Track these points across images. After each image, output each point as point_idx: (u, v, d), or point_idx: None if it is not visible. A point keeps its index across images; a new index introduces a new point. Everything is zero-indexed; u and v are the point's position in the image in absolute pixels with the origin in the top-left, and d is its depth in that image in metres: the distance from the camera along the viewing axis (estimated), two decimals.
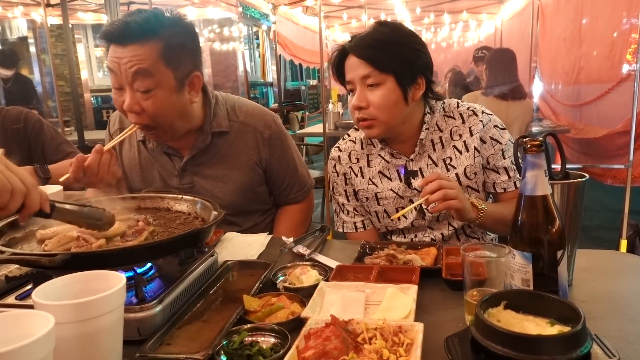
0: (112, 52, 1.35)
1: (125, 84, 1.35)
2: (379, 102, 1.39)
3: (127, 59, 1.32)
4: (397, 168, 1.53)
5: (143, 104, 1.36)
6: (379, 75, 1.38)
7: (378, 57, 1.37)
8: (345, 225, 1.63)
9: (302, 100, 10.91)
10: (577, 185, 1.02)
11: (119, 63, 1.33)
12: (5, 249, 0.92)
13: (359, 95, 1.41)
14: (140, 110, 1.37)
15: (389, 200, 1.54)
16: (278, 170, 1.67)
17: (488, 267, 0.90)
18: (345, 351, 0.78)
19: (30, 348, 0.57)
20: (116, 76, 1.36)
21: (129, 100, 1.35)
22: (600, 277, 1.13)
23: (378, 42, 1.39)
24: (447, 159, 1.50)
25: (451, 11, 7.98)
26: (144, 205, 1.30)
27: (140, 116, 1.38)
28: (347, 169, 1.59)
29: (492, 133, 1.48)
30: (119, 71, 1.34)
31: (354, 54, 1.40)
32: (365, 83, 1.40)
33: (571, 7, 4.80)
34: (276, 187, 1.71)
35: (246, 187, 1.61)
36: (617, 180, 3.80)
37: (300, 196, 1.76)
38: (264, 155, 1.62)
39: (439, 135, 1.51)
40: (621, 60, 3.75)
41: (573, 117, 4.89)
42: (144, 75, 1.33)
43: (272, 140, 1.63)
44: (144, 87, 1.34)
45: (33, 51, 8.74)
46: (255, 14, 10.82)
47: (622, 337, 0.85)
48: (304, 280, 1.10)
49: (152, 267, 1.07)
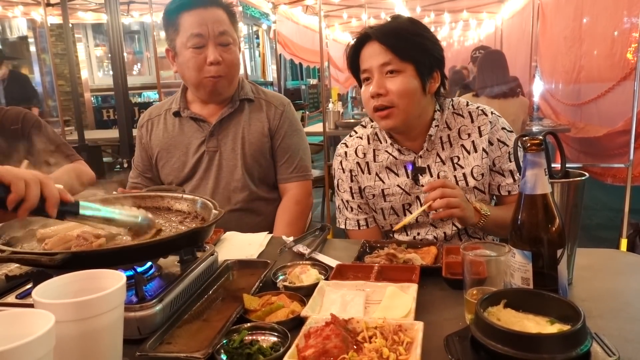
0: (196, 16, 1.65)
1: (210, 40, 1.65)
2: (399, 88, 1.38)
3: (214, 19, 1.66)
4: (404, 164, 1.53)
5: (223, 56, 1.68)
6: (399, 63, 1.38)
7: (400, 45, 1.38)
8: (348, 222, 1.63)
9: (302, 99, 10.92)
10: (577, 184, 1.02)
11: (207, 23, 1.64)
12: (5, 247, 0.92)
13: (378, 82, 1.40)
14: (220, 61, 1.67)
15: (395, 197, 1.54)
16: (282, 143, 1.82)
17: (488, 265, 0.90)
18: (345, 350, 0.78)
19: (31, 346, 0.57)
20: (201, 36, 1.64)
21: (214, 54, 1.65)
22: (600, 275, 1.13)
23: (400, 30, 1.40)
24: (454, 158, 1.50)
25: (451, 10, 7.97)
26: (144, 204, 1.30)
27: (219, 67, 1.67)
28: (354, 165, 1.58)
29: (500, 135, 1.48)
30: (207, 30, 1.64)
31: (377, 40, 1.40)
32: (384, 70, 1.40)
33: (571, 6, 4.80)
34: (278, 159, 1.84)
35: (258, 153, 1.80)
36: (617, 180, 3.80)
37: (296, 177, 1.83)
38: (274, 126, 1.82)
39: (447, 134, 1.51)
40: (622, 59, 3.75)
41: (573, 116, 4.88)
42: (226, 32, 1.68)
43: (284, 116, 1.83)
44: (225, 41, 1.68)
45: (33, 50, 8.75)
46: (255, 13, 10.82)
47: (622, 336, 0.85)
48: (304, 279, 1.10)
49: (152, 266, 1.07)
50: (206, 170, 1.79)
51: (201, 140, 1.79)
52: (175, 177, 1.81)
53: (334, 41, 10.65)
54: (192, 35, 1.64)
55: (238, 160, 1.76)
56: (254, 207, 1.80)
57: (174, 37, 1.70)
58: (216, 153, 1.78)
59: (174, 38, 1.70)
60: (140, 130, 1.89)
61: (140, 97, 9.21)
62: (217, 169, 1.78)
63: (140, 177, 1.88)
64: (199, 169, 1.79)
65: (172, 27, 1.69)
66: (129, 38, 9.90)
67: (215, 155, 1.78)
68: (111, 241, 1.03)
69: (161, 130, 1.84)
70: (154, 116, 1.88)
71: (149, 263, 1.06)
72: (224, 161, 1.78)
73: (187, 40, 1.66)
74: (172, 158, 1.81)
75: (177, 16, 1.67)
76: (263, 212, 1.82)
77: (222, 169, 1.78)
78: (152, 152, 1.85)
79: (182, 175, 1.80)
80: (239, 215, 1.76)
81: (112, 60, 4.54)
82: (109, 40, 4.47)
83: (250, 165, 1.78)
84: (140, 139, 1.88)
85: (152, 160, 1.86)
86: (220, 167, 1.78)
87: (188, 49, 1.66)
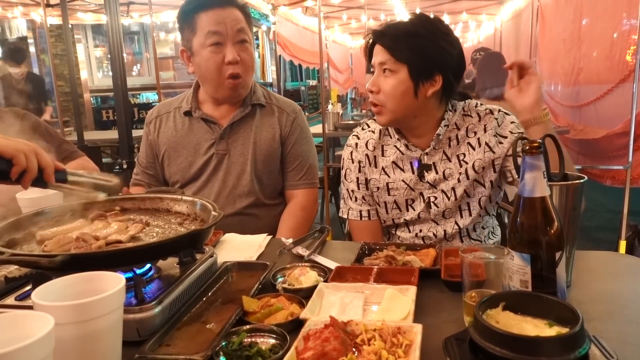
0: (214, 15, 1.65)
1: (229, 39, 1.66)
2: (387, 89, 1.44)
3: (232, 18, 1.67)
4: (410, 160, 1.55)
5: (241, 55, 1.68)
6: (393, 64, 1.42)
7: (395, 46, 1.42)
8: (351, 212, 1.64)
9: (301, 100, 10.92)
10: (576, 187, 1.02)
11: (225, 22, 1.65)
12: (4, 249, 0.92)
13: (374, 79, 1.47)
14: (239, 60, 1.68)
15: (399, 192, 1.56)
16: (292, 150, 1.83)
17: (487, 268, 0.90)
18: (344, 352, 0.78)
19: (30, 349, 0.57)
20: (219, 34, 1.65)
21: (233, 52, 1.66)
22: (599, 278, 1.13)
23: (400, 32, 1.43)
24: (460, 154, 1.52)
25: (451, 12, 7.98)
26: (143, 206, 1.30)
27: (237, 65, 1.68)
28: (363, 157, 1.60)
29: (512, 128, 1.50)
30: (225, 29, 1.65)
31: (376, 41, 1.46)
32: (382, 69, 1.45)
33: (571, 7, 4.80)
34: (287, 165, 1.85)
35: (269, 159, 1.80)
36: (616, 181, 3.80)
37: (304, 185, 1.84)
38: (285, 133, 1.83)
39: (455, 133, 1.52)
40: (621, 61, 3.75)
41: (572, 118, 4.88)
42: (243, 31, 1.69)
43: (296, 123, 1.84)
44: (242, 39, 1.69)
45: (33, 51, 8.72)
46: (254, 15, 10.82)
47: (620, 339, 0.85)
48: (303, 281, 1.10)
49: (152, 268, 1.07)
50: (213, 172, 1.78)
51: (211, 142, 1.78)
52: (181, 177, 1.81)
53: (333, 42, 10.67)
54: (210, 33, 1.65)
55: (248, 165, 1.76)
56: (257, 212, 1.80)
57: (191, 37, 1.69)
58: (225, 156, 1.78)
59: (190, 38, 1.70)
60: (147, 127, 1.88)
61: (139, 98, 9.21)
62: (225, 172, 1.77)
63: (143, 173, 1.88)
64: (206, 171, 1.78)
65: (189, 27, 1.69)
66: (129, 39, 9.91)
67: (224, 158, 1.78)
68: (110, 244, 1.03)
69: (170, 128, 1.83)
70: (162, 113, 1.87)
71: (148, 265, 1.06)
72: (233, 165, 1.77)
73: (205, 39, 1.66)
74: (179, 157, 1.81)
75: (194, 16, 1.68)
76: (265, 217, 1.81)
77: (230, 172, 1.77)
78: (158, 149, 1.84)
79: (188, 175, 1.80)
80: (241, 220, 1.76)
81: (111, 61, 4.53)
82: (108, 41, 4.47)
83: (260, 170, 1.78)
84: (147, 135, 1.87)
85: (157, 158, 1.86)
86: (228, 171, 1.77)
87: (206, 48, 1.66)
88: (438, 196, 1.53)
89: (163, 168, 1.85)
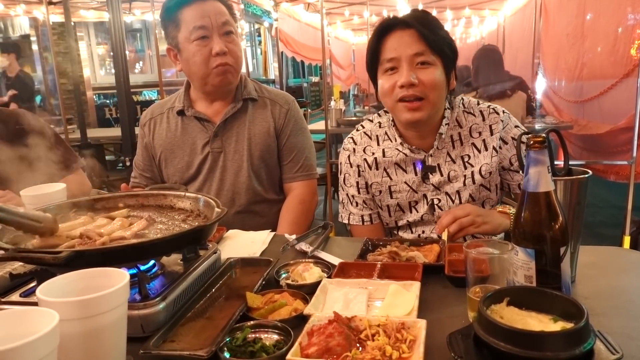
0: (197, 9, 1.65)
1: (214, 31, 1.66)
2: (432, 80, 1.36)
3: (216, 11, 1.67)
4: (414, 162, 1.52)
5: (228, 46, 1.67)
6: (431, 55, 1.37)
7: (434, 37, 1.37)
8: (352, 217, 1.62)
9: (304, 97, 10.92)
10: (580, 182, 1.02)
11: (209, 15, 1.65)
12: (9, 246, 0.92)
13: (410, 72, 1.35)
14: (226, 51, 1.67)
15: (402, 194, 1.54)
16: (287, 142, 1.81)
17: (491, 263, 0.90)
18: (348, 348, 0.78)
19: (35, 345, 0.57)
20: (205, 28, 1.65)
21: (220, 44, 1.65)
22: (603, 273, 1.12)
23: (433, 22, 1.39)
24: (465, 156, 1.50)
25: (453, 7, 7.94)
26: (147, 202, 1.31)
27: (225, 56, 1.67)
28: (361, 161, 1.57)
29: (514, 133, 1.48)
30: (210, 22, 1.65)
31: (414, 29, 1.36)
32: (415, 61, 1.36)
33: (574, 2, 4.77)
34: (283, 158, 1.83)
35: (265, 153, 1.78)
36: (620, 177, 3.79)
37: (302, 177, 1.83)
38: (279, 126, 1.81)
39: (458, 132, 1.50)
40: (625, 56, 3.73)
41: (576, 113, 4.87)
42: (228, 22, 1.69)
43: (290, 114, 1.82)
44: (228, 30, 1.69)
45: (35, 49, 8.74)
46: (257, 11, 10.82)
47: (625, 334, 0.85)
48: (307, 277, 1.11)
49: (156, 264, 1.07)
50: (210, 171, 1.78)
51: (205, 140, 1.78)
52: (179, 178, 1.80)
53: (335, 39, 10.63)
54: (195, 27, 1.64)
55: (244, 162, 1.75)
56: (257, 209, 1.79)
57: (176, 34, 1.69)
58: (221, 154, 1.77)
59: (175, 35, 1.69)
60: (142, 130, 1.88)
61: (142, 95, 9.22)
62: (222, 170, 1.77)
63: (141, 176, 1.88)
64: (203, 170, 1.78)
65: (173, 23, 1.69)
66: (131, 36, 9.92)
67: (219, 156, 1.77)
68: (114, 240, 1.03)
69: (164, 129, 1.82)
70: (156, 115, 1.86)
71: (152, 261, 1.06)
72: (229, 162, 1.77)
73: (190, 33, 1.65)
74: (176, 158, 1.80)
75: (177, 12, 1.67)
76: (267, 214, 1.81)
77: (226, 170, 1.77)
78: (154, 152, 1.84)
79: (187, 175, 1.79)
80: (242, 217, 1.75)
81: (114, 58, 4.55)
82: (111, 39, 4.48)
83: (257, 166, 1.77)
84: (143, 138, 1.87)
85: (154, 160, 1.85)
86: (224, 169, 1.77)
87: (192, 43, 1.66)
88: (442, 199, 1.51)
89: (161, 170, 1.85)
